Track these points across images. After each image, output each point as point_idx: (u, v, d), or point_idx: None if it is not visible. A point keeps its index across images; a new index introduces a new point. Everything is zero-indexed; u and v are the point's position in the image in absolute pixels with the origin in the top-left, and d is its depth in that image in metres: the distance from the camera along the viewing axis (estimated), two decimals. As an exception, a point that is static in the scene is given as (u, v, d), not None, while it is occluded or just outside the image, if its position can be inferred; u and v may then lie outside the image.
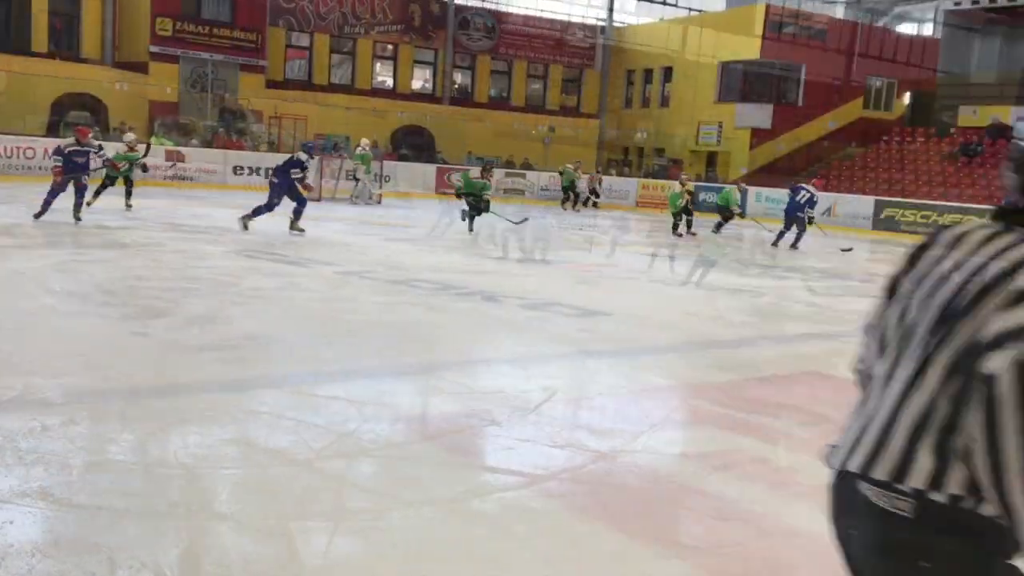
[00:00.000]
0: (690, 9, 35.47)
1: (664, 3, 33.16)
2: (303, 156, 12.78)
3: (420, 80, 32.38)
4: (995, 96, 29.46)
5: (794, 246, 16.23)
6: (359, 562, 2.93)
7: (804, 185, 17.18)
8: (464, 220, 14.51)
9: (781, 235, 16.53)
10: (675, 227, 17.77)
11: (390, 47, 31.32)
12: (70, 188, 11.85)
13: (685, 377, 5.99)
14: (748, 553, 3.15)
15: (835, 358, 6.80)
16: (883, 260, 15.57)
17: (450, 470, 3.82)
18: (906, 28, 34.62)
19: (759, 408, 5.11)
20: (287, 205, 12.33)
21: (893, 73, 31.71)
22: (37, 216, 11.69)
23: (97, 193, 14.08)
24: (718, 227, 18.64)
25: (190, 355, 5.45)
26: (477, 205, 14.58)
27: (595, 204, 26.52)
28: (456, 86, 32.77)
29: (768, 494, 3.73)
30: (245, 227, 12.19)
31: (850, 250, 15.68)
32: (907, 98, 32.16)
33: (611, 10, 34.09)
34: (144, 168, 15.57)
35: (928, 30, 33.61)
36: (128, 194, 14.88)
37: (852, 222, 24.24)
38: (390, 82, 31.66)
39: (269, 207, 12.31)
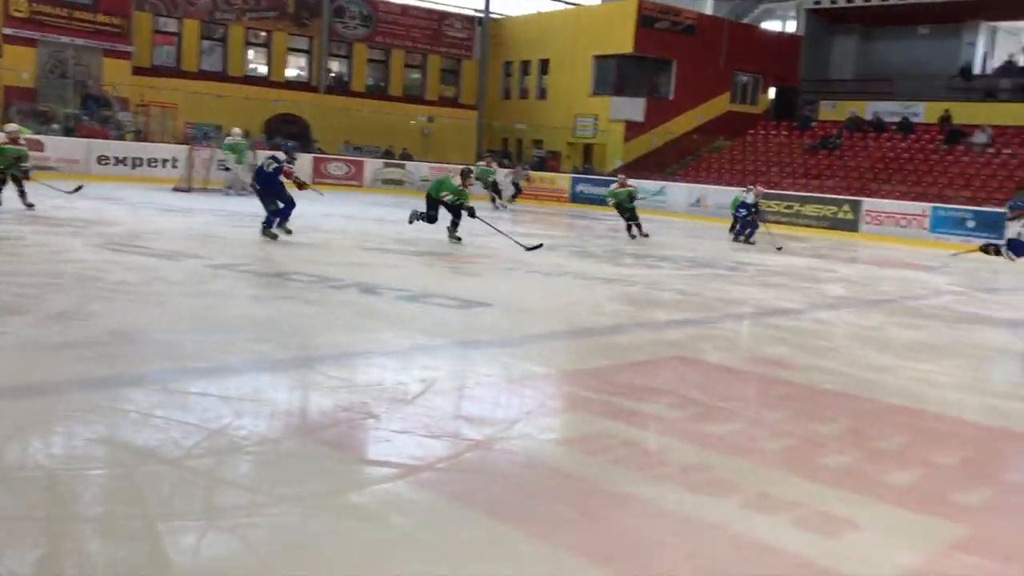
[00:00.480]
0: (566, 3, 36.01)
1: (541, -5, 33.51)
2: (280, 155, 11.97)
3: (295, 68, 31.74)
4: (853, 92, 31.08)
5: (748, 241, 17.44)
6: (231, 560, 2.90)
7: (742, 189, 18.67)
8: (412, 223, 13.24)
9: (736, 230, 17.78)
10: (628, 228, 16.78)
11: (263, 34, 30.57)
12: None
13: (561, 365, 6.12)
14: (616, 532, 3.26)
15: (702, 343, 7.09)
16: (748, 249, 16.22)
17: (326, 464, 3.80)
18: (771, 25, 36.03)
19: (630, 393, 5.28)
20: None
21: (759, 68, 32.99)
22: None
23: None
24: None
25: (51, 353, 5.22)
26: (452, 210, 13.13)
27: (499, 194, 26.44)
28: (332, 75, 32.28)
29: (637, 475, 3.86)
30: (287, 232, 11.76)
31: (780, 249, 16.27)
32: (772, 93, 33.51)
33: (488, 1, 34.20)
34: (25, 174, 13.67)
35: (791, 27, 35.06)
36: (22, 193, 13.37)
37: (721, 213, 25.08)
38: (264, 70, 30.92)
39: (288, 205, 11.77)
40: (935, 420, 5.32)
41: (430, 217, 13.14)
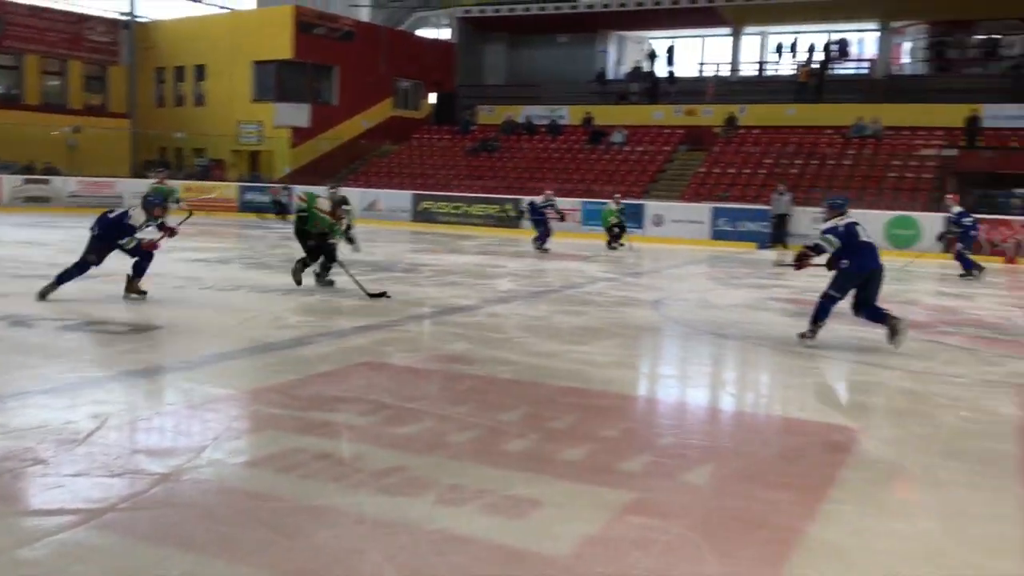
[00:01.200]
0: (220, 7, 34.76)
1: (191, -1, 32.02)
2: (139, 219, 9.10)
3: (-97, 75, 27.72)
4: (506, 96, 32.99)
5: (542, 248, 17.61)
6: None
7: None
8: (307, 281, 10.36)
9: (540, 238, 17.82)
10: (350, 241, 14.54)
11: None
12: None
13: (244, 384, 5.98)
14: (316, 546, 3.29)
15: (386, 346, 7.26)
16: (423, 251, 16.72)
17: (-12, 521, 3.45)
18: (426, 33, 37.19)
19: (319, 404, 5.29)
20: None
21: (418, 75, 33.98)
22: None
23: None
24: (616, 239, 19.12)
25: None
26: (321, 249, 10.42)
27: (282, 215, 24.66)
28: (-48, 83, 28.62)
29: (333, 487, 3.91)
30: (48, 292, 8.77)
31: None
32: (432, 98, 34.64)
33: (132, 3, 32.05)
34: None
35: (446, 35, 36.44)
36: None
37: (394, 216, 25.61)
38: None
39: (80, 267, 8.89)
40: (599, 397, 5.88)
41: (315, 252, 10.48)
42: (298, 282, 10.33)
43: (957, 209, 15.30)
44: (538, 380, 6.26)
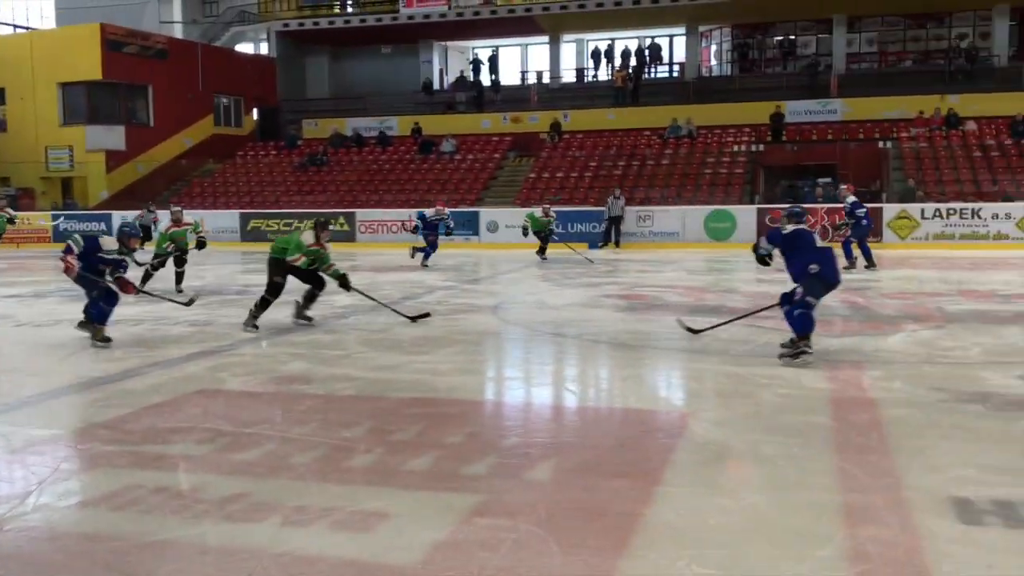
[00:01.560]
0: (15, 26, 32.73)
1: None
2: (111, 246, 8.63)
3: None
4: (331, 109, 32.63)
5: (424, 264, 16.86)
6: None
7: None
8: (252, 326, 9.17)
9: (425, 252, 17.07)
10: (147, 275, 13.31)
11: None
12: None
13: (71, 423, 5.68)
14: (161, 582, 3.20)
15: (220, 372, 7.06)
16: (255, 271, 16.28)
17: None
18: (245, 48, 36.25)
19: (153, 437, 5.10)
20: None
21: (238, 91, 33.06)
22: None
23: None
24: (542, 251, 18.35)
25: None
26: (313, 277, 9.45)
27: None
28: None
29: (173, 520, 3.79)
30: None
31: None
32: (255, 114, 33.80)
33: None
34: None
35: (264, 49, 35.63)
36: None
37: (222, 236, 24.79)
38: None
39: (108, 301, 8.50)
40: (443, 405, 5.94)
41: (274, 288, 9.24)
42: (299, 317, 9.54)
43: (852, 199, 14.88)
44: (380, 394, 6.26)
